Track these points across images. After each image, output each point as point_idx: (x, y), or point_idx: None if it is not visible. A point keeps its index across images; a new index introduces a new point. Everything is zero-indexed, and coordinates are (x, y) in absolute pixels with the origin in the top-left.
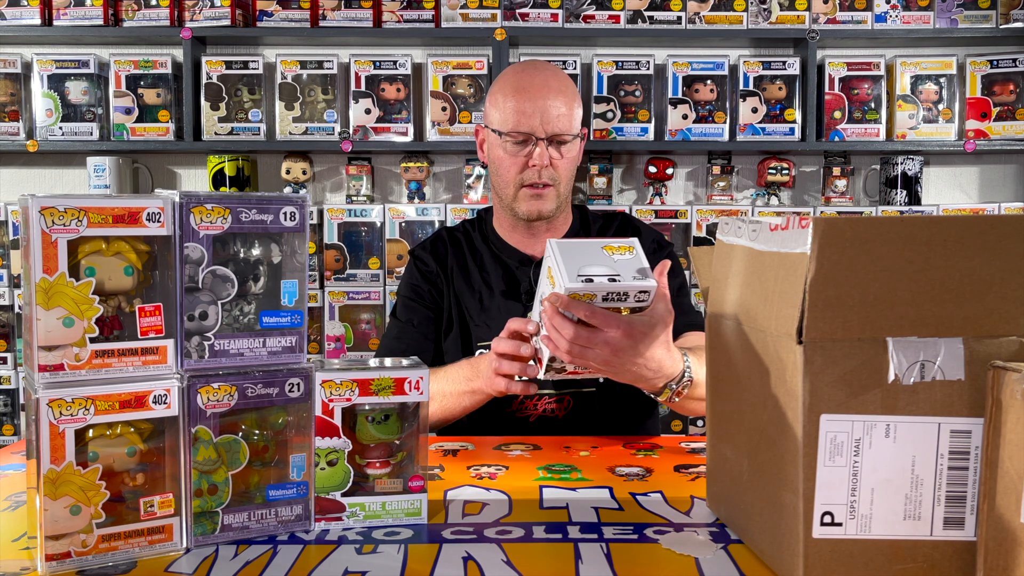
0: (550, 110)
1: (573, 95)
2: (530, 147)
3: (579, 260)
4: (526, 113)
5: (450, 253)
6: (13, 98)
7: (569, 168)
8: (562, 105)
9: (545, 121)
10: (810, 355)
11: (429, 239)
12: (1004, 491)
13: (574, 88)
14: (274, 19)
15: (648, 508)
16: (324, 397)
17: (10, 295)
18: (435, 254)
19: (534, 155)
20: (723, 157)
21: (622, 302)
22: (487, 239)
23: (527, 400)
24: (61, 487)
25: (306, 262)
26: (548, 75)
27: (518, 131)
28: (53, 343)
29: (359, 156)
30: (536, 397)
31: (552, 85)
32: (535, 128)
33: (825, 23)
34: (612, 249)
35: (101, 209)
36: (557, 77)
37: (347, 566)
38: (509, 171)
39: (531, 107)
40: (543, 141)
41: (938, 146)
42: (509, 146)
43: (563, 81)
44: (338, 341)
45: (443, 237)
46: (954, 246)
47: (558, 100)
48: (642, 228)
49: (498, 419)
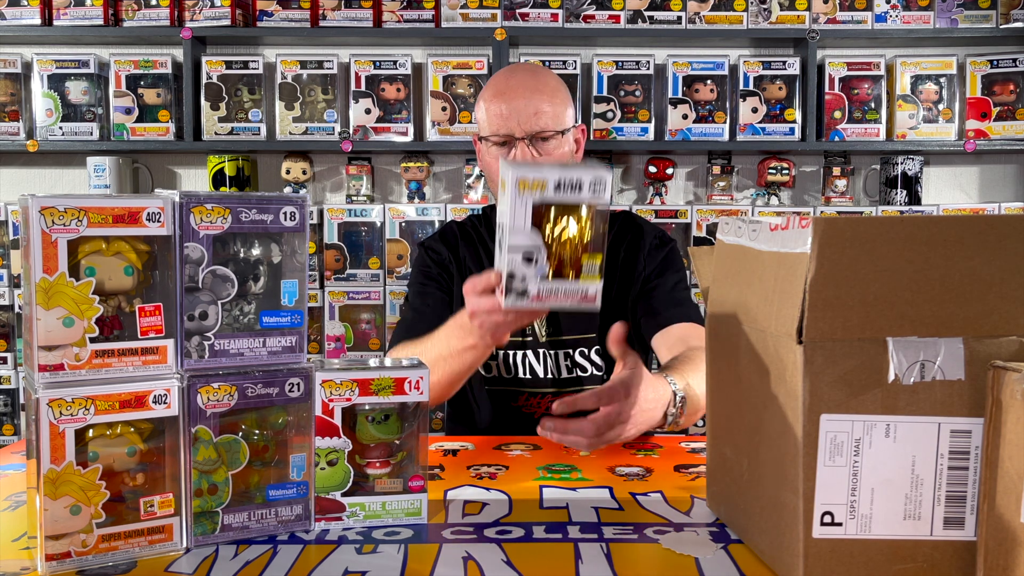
0: (526, 109)
1: (554, 91)
2: (511, 149)
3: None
4: (502, 115)
5: (460, 243)
6: (13, 98)
7: None
8: (541, 102)
9: (522, 120)
10: (810, 355)
11: (438, 231)
12: (1004, 491)
13: (557, 85)
14: (274, 19)
15: (648, 508)
16: (324, 397)
17: (10, 295)
18: (445, 243)
19: (516, 156)
20: (723, 157)
21: (577, 192)
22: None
23: (532, 398)
24: (61, 487)
25: (306, 262)
26: (526, 75)
27: (497, 134)
28: (53, 343)
29: (359, 156)
30: (540, 396)
31: (528, 84)
32: (512, 129)
33: (825, 23)
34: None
35: (101, 209)
36: (535, 76)
37: (347, 566)
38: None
39: (507, 108)
40: (523, 141)
41: (938, 146)
42: (492, 150)
43: (542, 79)
44: (338, 341)
45: (452, 228)
46: (954, 246)
47: (535, 98)
48: (644, 225)
49: (504, 416)
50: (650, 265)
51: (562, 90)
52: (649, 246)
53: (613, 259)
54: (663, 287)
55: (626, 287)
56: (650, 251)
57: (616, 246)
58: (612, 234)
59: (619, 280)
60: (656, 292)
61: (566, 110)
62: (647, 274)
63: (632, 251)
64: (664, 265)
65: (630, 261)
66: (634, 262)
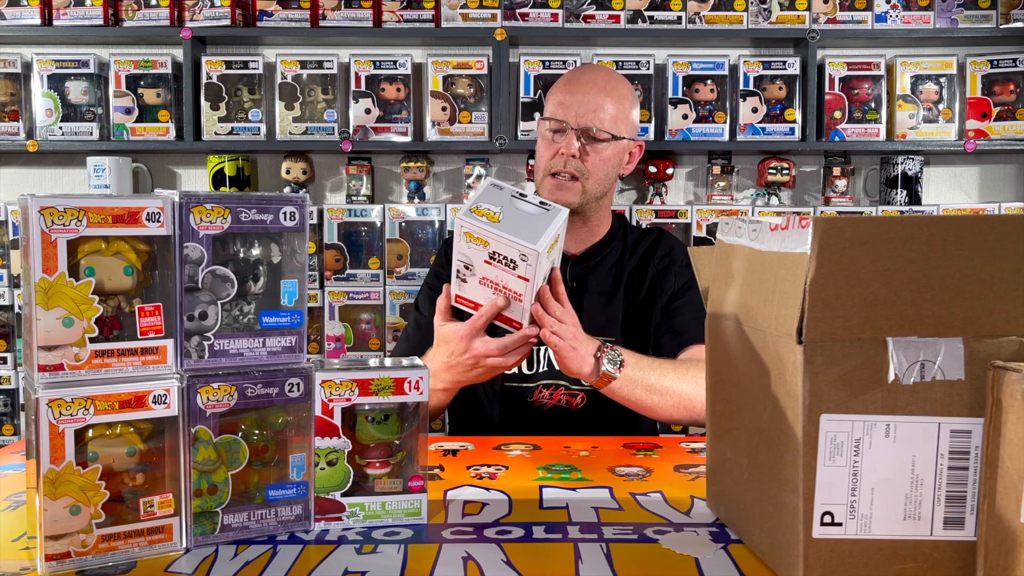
0: (586, 104)
1: (621, 97)
2: (563, 136)
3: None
4: (564, 104)
5: None
6: (13, 98)
7: (601, 166)
8: (603, 102)
9: (580, 113)
10: (810, 355)
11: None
12: (1004, 491)
13: (626, 92)
14: (274, 19)
15: (648, 508)
16: (324, 397)
17: (10, 295)
18: None
19: (564, 143)
20: (723, 157)
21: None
22: None
23: (544, 389)
24: (61, 487)
25: (306, 262)
26: (599, 74)
27: (554, 118)
28: (53, 343)
29: (359, 156)
30: (553, 387)
31: (598, 83)
32: (568, 117)
33: (825, 23)
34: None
35: (101, 209)
36: (608, 77)
37: (347, 566)
38: (542, 156)
39: (570, 99)
40: (575, 131)
41: (938, 146)
42: (545, 132)
43: (612, 82)
44: (338, 341)
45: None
46: (954, 246)
47: (599, 96)
48: (675, 246)
49: (513, 408)
50: (679, 282)
51: (630, 99)
52: (680, 263)
53: (643, 270)
54: (689, 307)
55: (652, 298)
56: (681, 268)
57: (648, 257)
58: (644, 247)
59: (647, 290)
60: (682, 311)
61: (627, 118)
62: (675, 291)
63: (665, 267)
64: (693, 285)
65: (661, 276)
66: (664, 278)
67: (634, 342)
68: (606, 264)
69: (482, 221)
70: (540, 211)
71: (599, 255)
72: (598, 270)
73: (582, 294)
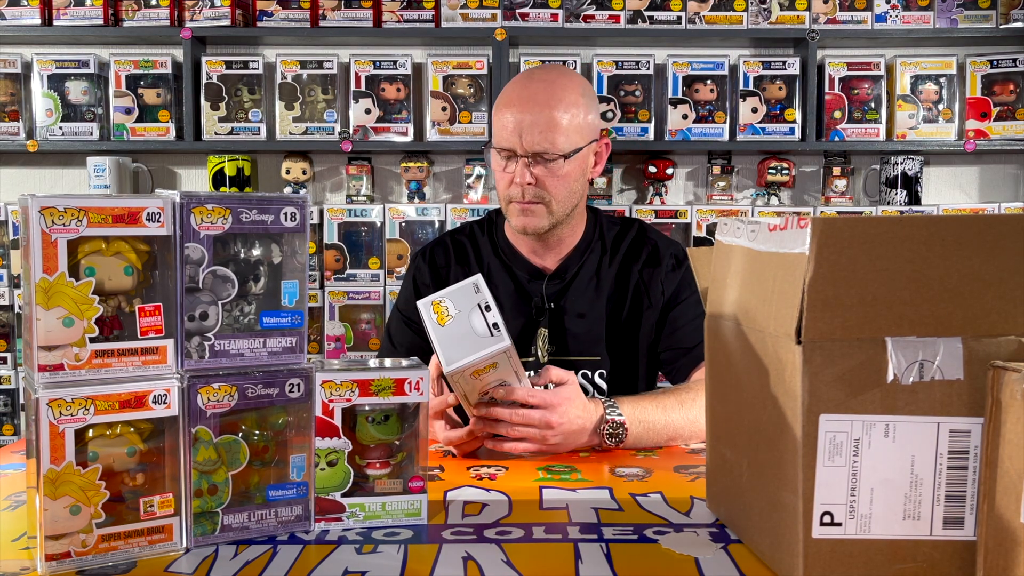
0: (532, 127)
1: (571, 104)
2: (515, 163)
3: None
4: (508, 128)
5: (452, 263)
6: (13, 98)
7: (562, 186)
8: (552, 118)
9: (526, 138)
10: (809, 355)
11: (431, 245)
12: (1004, 491)
13: (577, 96)
14: (274, 19)
15: (648, 508)
16: (324, 397)
17: (10, 295)
18: (433, 265)
19: (516, 172)
20: (723, 157)
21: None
22: (496, 246)
23: None
24: (61, 487)
25: (306, 262)
26: (540, 86)
27: (501, 146)
28: (53, 343)
29: (359, 156)
30: None
31: (540, 98)
32: (515, 144)
33: (825, 23)
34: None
35: (101, 209)
36: (552, 86)
37: (347, 566)
38: (500, 185)
39: (513, 122)
40: (524, 158)
41: (938, 146)
42: (498, 160)
43: (558, 90)
44: (338, 341)
45: (446, 243)
46: (953, 246)
47: (544, 114)
48: (659, 241)
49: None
50: (669, 289)
51: (582, 101)
52: (666, 268)
53: (625, 279)
54: (691, 316)
55: (639, 310)
56: (667, 274)
57: (629, 263)
58: (623, 250)
59: (630, 302)
60: (684, 322)
61: (583, 125)
62: (666, 300)
63: (649, 275)
64: (684, 288)
65: (646, 284)
66: (650, 286)
67: (621, 359)
68: (584, 275)
69: (432, 317)
70: (484, 334)
71: (576, 264)
72: (576, 283)
73: (561, 316)
